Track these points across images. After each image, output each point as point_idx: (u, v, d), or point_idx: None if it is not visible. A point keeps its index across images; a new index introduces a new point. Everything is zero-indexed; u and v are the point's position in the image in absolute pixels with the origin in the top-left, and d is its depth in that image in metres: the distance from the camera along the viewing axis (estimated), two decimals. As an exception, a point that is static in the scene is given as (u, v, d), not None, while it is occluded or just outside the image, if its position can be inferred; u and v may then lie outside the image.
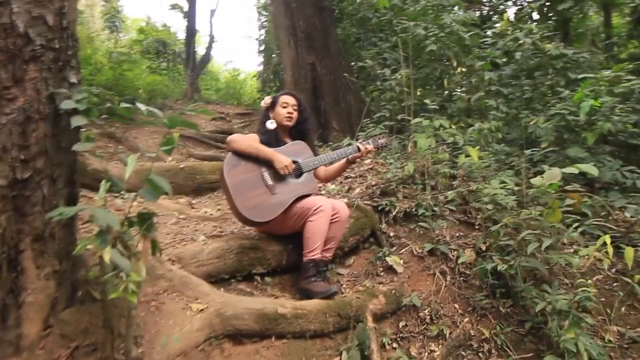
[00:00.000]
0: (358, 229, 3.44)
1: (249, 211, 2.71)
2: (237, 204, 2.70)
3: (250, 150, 2.81)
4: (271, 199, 2.78)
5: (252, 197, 2.74)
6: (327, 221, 2.78)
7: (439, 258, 3.38)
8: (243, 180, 2.76)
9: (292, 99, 3.13)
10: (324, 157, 3.02)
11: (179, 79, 17.18)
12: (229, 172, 2.76)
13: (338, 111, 6.82)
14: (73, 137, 1.81)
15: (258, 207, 2.73)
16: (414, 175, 3.94)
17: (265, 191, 2.79)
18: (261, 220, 2.75)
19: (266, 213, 2.75)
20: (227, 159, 2.80)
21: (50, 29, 1.69)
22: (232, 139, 2.85)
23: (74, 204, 1.86)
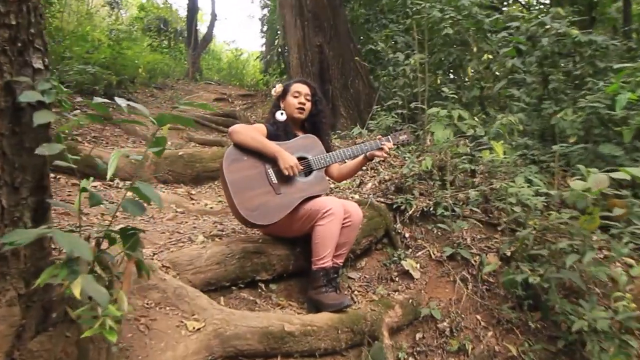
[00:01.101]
0: (371, 230, 3.14)
1: (250, 212, 2.41)
2: (237, 204, 2.40)
3: (254, 144, 2.50)
4: (275, 199, 2.48)
5: (253, 197, 2.44)
6: (338, 225, 2.48)
7: (459, 263, 3.09)
8: (245, 177, 2.45)
9: (306, 87, 2.80)
10: (338, 153, 2.70)
11: (181, 58, 16.84)
12: (229, 167, 2.45)
13: (346, 97, 6.46)
14: (41, 136, 1.49)
15: (260, 208, 2.43)
16: (431, 171, 3.63)
17: (268, 190, 2.49)
18: (263, 223, 2.45)
19: (269, 215, 2.45)
20: (227, 152, 2.49)
21: (4, 1, 1.35)
22: (235, 129, 2.53)
23: (43, 215, 1.55)
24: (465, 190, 3.55)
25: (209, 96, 12.26)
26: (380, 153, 2.75)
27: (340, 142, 5.17)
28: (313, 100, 2.81)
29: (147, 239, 2.68)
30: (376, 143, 2.75)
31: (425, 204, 3.37)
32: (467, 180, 3.75)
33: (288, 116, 2.76)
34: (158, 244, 2.61)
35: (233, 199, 2.40)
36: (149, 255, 2.39)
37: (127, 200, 1.48)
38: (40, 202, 1.52)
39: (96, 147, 4.77)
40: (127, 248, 1.46)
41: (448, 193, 3.37)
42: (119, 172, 4.29)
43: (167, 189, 4.27)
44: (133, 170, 4.37)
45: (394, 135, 2.85)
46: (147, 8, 18.25)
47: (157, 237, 2.75)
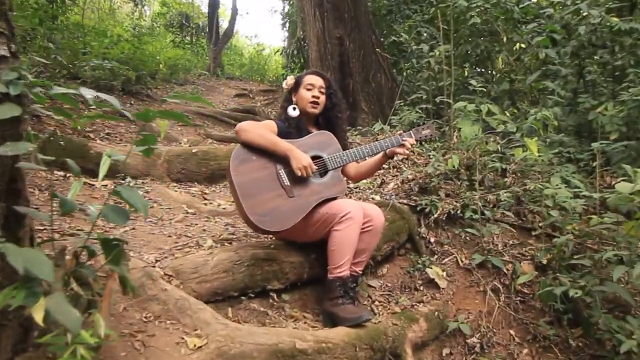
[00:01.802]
0: (393, 234, 2.91)
1: (260, 218, 2.20)
2: (246, 209, 2.19)
3: (264, 143, 2.29)
4: (288, 203, 2.27)
5: (264, 201, 2.23)
6: (356, 231, 2.25)
7: (490, 272, 2.84)
8: (254, 180, 2.25)
9: (319, 79, 2.57)
10: (355, 151, 2.46)
11: (202, 54, 16.89)
12: (236, 168, 2.25)
13: (368, 91, 6.21)
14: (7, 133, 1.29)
15: (271, 214, 2.22)
16: (458, 170, 3.37)
17: (280, 193, 2.28)
18: (274, 229, 2.24)
19: (281, 220, 2.24)
20: (235, 152, 2.29)
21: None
22: (242, 127, 2.33)
23: (18, 222, 1.36)
24: (496, 191, 3.28)
25: (230, 92, 12.17)
26: (402, 150, 2.50)
27: (361, 139, 4.94)
28: (327, 93, 2.58)
29: (152, 244, 2.51)
30: (397, 139, 2.50)
31: (452, 206, 3.11)
32: (497, 180, 3.48)
33: (301, 111, 2.54)
34: (162, 250, 2.42)
35: (242, 204, 2.20)
36: (150, 263, 2.21)
37: (108, 207, 1.28)
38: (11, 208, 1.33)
39: (109, 144, 4.63)
40: (109, 261, 1.27)
41: (477, 194, 3.10)
42: (130, 169, 4.15)
43: (180, 188, 4.10)
44: (145, 168, 4.22)
45: (416, 131, 2.59)
46: (169, 4, 18.30)
47: (163, 242, 2.57)
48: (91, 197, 3.30)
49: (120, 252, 1.32)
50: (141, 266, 2.05)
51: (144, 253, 2.33)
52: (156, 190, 3.87)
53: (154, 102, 8.28)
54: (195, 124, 7.37)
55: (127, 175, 4.07)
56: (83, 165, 4.00)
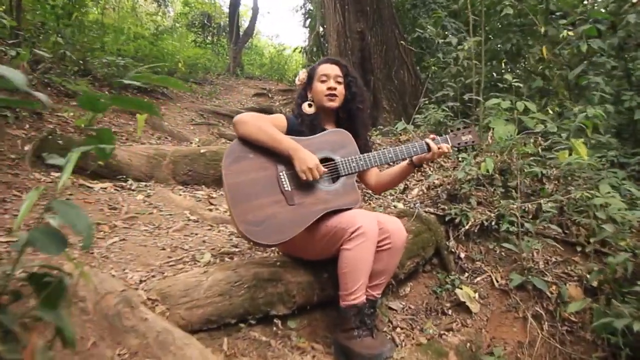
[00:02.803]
0: (418, 249, 2.55)
1: (251, 227, 1.86)
2: (235, 215, 1.86)
3: (263, 138, 1.93)
4: (286, 211, 1.91)
5: (258, 207, 1.88)
6: (370, 250, 1.89)
7: (530, 294, 2.45)
8: (249, 181, 1.90)
9: (334, 67, 2.21)
10: (374, 155, 2.08)
11: (223, 53, 16.81)
12: (229, 166, 1.91)
13: (390, 88, 5.84)
14: None
15: (265, 223, 1.87)
16: (492, 175, 2.98)
17: (279, 199, 1.92)
18: (266, 242, 1.89)
19: (275, 232, 1.88)
20: (230, 148, 1.95)
21: None
22: (240, 118, 1.97)
23: None
24: (535, 199, 2.88)
25: (248, 91, 11.97)
26: (430, 156, 2.12)
27: (382, 139, 4.57)
28: (346, 82, 2.20)
29: (141, 258, 2.20)
30: (426, 144, 2.12)
31: (485, 216, 2.73)
32: (535, 186, 3.08)
33: (318, 107, 2.19)
34: (152, 266, 2.12)
35: (231, 209, 1.87)
36: (133, 284, 1.90)
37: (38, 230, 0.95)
38: None
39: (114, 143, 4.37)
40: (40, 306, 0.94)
41: (515, 203, 2.71)
42: (133, 171, 3.88)
43: (186, 191, 3.81)
44: (149, 170, 3.94)
45: (454, 135, 2.19)
46: (191, 3, 18.26)
47: (154, 256, 2.26)
48: (84, 202, 3.01)
49: (61, 291, 0.99)
50: (119, 290, 1.73)
51: (128, 271, 2.03)
52: (159, 193, 3.58)
53: (169, 101, 8.06)
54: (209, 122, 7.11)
55: (129, 177, 3.80)
56: (83, 166, 3.74)
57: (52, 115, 4.42)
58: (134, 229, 2.71)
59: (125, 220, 2.83)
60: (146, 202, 3.30)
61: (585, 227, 2.75)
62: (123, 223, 2.78)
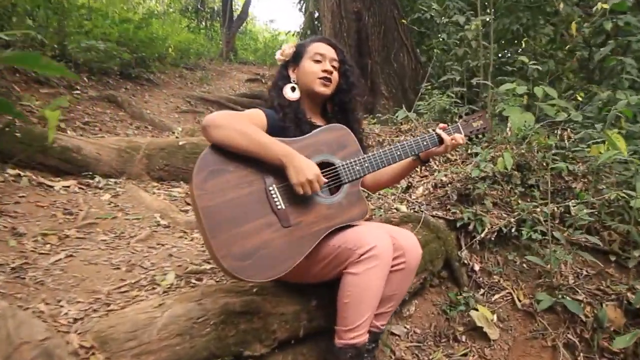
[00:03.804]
0: (425, 262, 2.15)
1: (237, 263, 1.42)
2: (216, 249, 1.41)
3: (246, 145, 1.48)
4: (282, 236, 1.49)
5: (244, 235, 1.45)
6: (383, 276, 1.49)
7: (560, 317, 2.06)
8: (231, 203, 1.46)
9: (331, 49, 1.77)
10: (382, 155, 1.65)
11: (216, 38, 16.38)
12: (203, 184, 1.45)
13: (389, 72, 5.39)
14: None
15: (256, 255, 1.44)
16: (509, 172, 2.57)
17: (271, 222, 1.49)
18: (261, 278, 1.47)
19: (270, 265, 1.46)
20: (200, 160, 1.48)
21: None
22: (213, 121, 1.48)
23: None
24: (561, 200, 2.48)
25: (241, 76, 11.56)
26: (442, 149, 1.72)
27: (381, 129, 4.14)
28: (342, 70, 1.78)
29: (85, 283, 1.79)
30: (437, 135, 1.71)
31: (503, 221, 2.32)
32: (558, 184, 2.67)
33: (304, 93, 1.76)
34: (96, 295, 1.70)
35: (209, 241, 1.43)
36: (66, 324, 1.49)
37: None
38: None
39: (82, 135, 3.93)
40: None
41: (539, 206, 2.31)
42: (102, 166, 3.45)
43: (161, 188, 3.39)
44: (120, 165, 3.51)
45: (465, 123, 1.78)
46: (183, -13, 17.76)
47: (103, 279, 1.84)
48: (36, 206, 2.59)
49: None
50: (39, 339, 1.32)
51: (64, 303, 1.61)
52: (129, 192, 3.16)
53: (154, 87, 7.59)
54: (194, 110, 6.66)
55: (97, 173, 3.37)
56: (43, 162, 3.30)
57: (16, 104, 3.97)
58: (90, 239, 2.30)
59: (80, 228, 2.41)
60: (111, 204, 2.88)
61: (620, 232, 2.35)
62: (77, 232, 2.36)
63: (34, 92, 4.58)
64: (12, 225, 2.26)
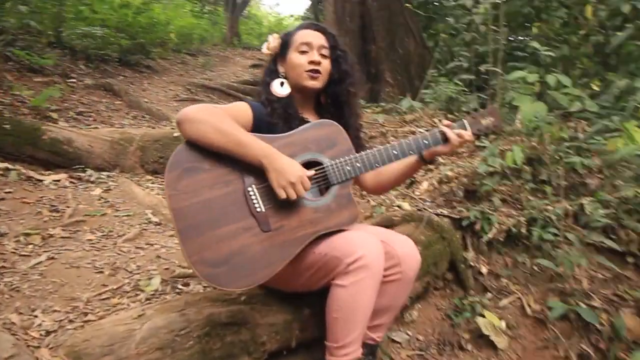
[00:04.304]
0: (429, 265, 2.01)
1: (210, 269, 1.31)
2: (188, 253, 1.31)
3: (223, 142, 1.34)
4: (260, 242, 1.36)
5: (220, 239, 1.33)
6: (374, 288, 1.36)
7: (573, 325, 1.92)
8: (205, 204, 1.34)
9: (319, 36, 1.60)
10: (376, 154, 1.50)
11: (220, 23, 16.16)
12: (175, 183, 1.33)
13: (393, 59, 5.20)
14: None
15: (231, 261, 1.32)
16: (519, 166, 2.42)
17: (248, 226, 1.36)
18: (235, 287, 1.36)
19: (246, 272, 1.34)
20: (173, 157, 1.36)
21: None
22: (187, 116, 1.36)
23: None
24: (574, 198, 2.33)
25: (245, 62, 11.39)
26: (449, 149, 1.57)
27: (385, 118, 3.98)
28: (333, 57, 1.61)
29: (64, 290, 1.68)
30: (441, 133, 1.56)
31: (513, 220, 2.18)
32: (572, 179, 2.51)
33: (293, 87, 1.61)
34: (74, 303, 1.59)
35: (182, 244, 1.31)
36: (38, 337, 1.38)
37: None
38: None
39: (75, 126, 3.80)
40: None
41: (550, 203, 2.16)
42: (94, 159, 3.33)
43: (155, 182, 3.27)
44: (113, 157, 3.39)
45: (473, 119, 1.62)
46: (187, -29, 17.50)
47: (84, 284, 1.73)
48: (22, 202, 2.48)
49: None
50: (4, 356, 1.21)
51: (39, 313, 1.50)
52: (121, 186, 3.04)
53: (154, 74, 7.45)
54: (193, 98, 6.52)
55: (88, 166, 3.25)
56: (33, 154, 3.18)
57: (7, 94, 3.85)
58: (75, 238, 2.19)
59: (66, 227, 2.30)
60: (102, 200, 2.77)
61: (638, 232, 2.20)
62: (63, 231, 2.25)
63: (27, 80, 4.46)
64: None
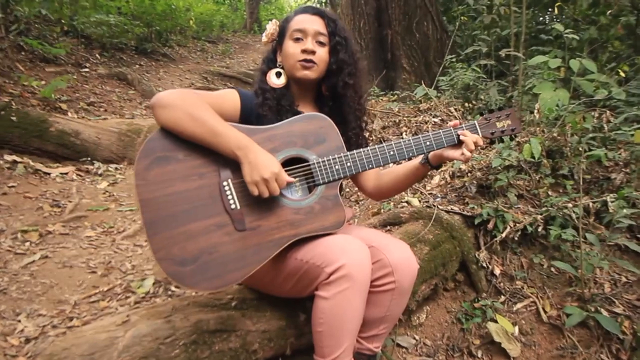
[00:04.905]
0: (437, 267, 1.90)
1: (177, 267, 1.23)
2: (155, 248, 1.22)
3: (198, 131, 1.24)
4: (233, 241, 1.27)
5: (189, 236, 1.25)
6: (358, 299, 1.26)
7: (593, 333, 1.79)
8: (176, 196, 1.25)
9: (316, 20, 1.47)
10: (369, 154, 1.38)
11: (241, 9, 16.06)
12: (145, 172, 1.24)
13: (410, 44, 5.01)
14: None
15: (200, 260, 1.24)
16: (538, 159, 2.27)
17: (222, 223, 1.27)
18: (201, 289, 1.27)
19: (215, 273, 1.25)
20: (146, 145, 1.27)
21: None
22: (161, 101, 1.25)
23: None
24: (598, 195, 2.17)
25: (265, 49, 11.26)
26: (458, 154, 1.41)
27: (400, 107, 3.83)
28: (331, 44, 1.48)
29: (53, 291, 1.62)
30: (441, 136, 1.42)
31: (529, 219, 2.04)
32: (596, 173, 2.35)
33: (289, 78, 1.51)
34: (63, 306, 1.54)
35: (148, 238, 1.24)
36: (17, 345, 1.32)
37: None
38: None
39: (83, 117, 3.77)
40: None
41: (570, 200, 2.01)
42: (102, 151, 3.30)
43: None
44: (121, 150, 3.35)
45: (485, 121, 1.46)
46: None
47: (74, 285, 1.68)
48: (24, 197, 2.44)
49: None
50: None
51: (22, 317, 1.45)
52: (128, 179, 3.00)
53: (171, 62, 7.41)
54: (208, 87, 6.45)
55: (96, 158, 3.22)
56: (40, 147, 3.15)
57: (17, 85, 3.84)
58: (74, 235, 2.14)
59: (66, 223, 2.26)
60: (107, 193, 2.73)
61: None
62: (62, 227, 2.20)
63: (39, 70, 4.45)
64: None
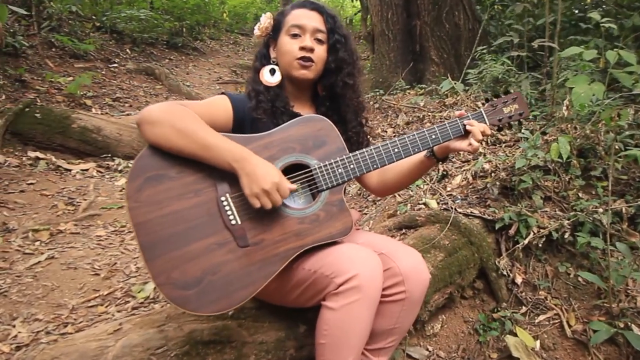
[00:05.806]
0: (452, 274, 1.79)
1: (179, 291, 1.16)
2: (154, 273, 1.16)
3: (189, 146, 1.17)
4: (237, 259, 1.19)
5: (190, 258, 1.18)
6: (368, 311, 1.18)
7: (622, 350, 1.64)
8: (172, 217, 1.18)
9: (314, 16, 1.40)
10: (373, 153, 1.30)
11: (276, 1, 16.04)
12: (137, 194, 1.17)
13: (440, 35, 4.82)
14: None
15: (203, 282, 1.17)
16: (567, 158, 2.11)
17: (223, 241, 1.19)
18: (207, 312, 1.19)
19: (221, 295, 1.18)
20: (136, 164, 1.20)
21: None
22: (146, 117, 1.17)
23: None
24: (633, 199, 2.00)
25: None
26: (466, 145, 1.32)
27: (425, 101, 3.69)
28: (331, 43, 1.40)
29: (53, 295, 1.61)
30: (446, 127, 1.32)
31: (555, 224, 1.90)
32: (633, 174, 2.17)
33: (284, 76, 1.43)
34: (61, 310, 1.52)
35: (146, 264, 1.18)
36: (7, 352, 1.30)
37: None
38: None
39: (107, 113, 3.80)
40: None
41: (601, 204, 1.85)
42: (123, 147, 3.32)
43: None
44: (141, 146, 3.35)
45: (491, 108, 1.37)
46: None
47: (76, 288, 1.66)
48: (40, 195, 2.47)
49: None
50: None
51: (18, 323, 1.44)
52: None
53: (200, 56, 7.44)
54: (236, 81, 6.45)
55: (117, 155, 3.24)
56: (62, 143, 3.20)
57: (45, 81, 3.91)
58: (84, 234, 2.14)
59: (79, 221, 2.26)
60: (123, 191, 2.72)
61: None
62: (75, 225, 2.21)
63: (69, 66, 4.52)
64: (6, 220, 2.14)
